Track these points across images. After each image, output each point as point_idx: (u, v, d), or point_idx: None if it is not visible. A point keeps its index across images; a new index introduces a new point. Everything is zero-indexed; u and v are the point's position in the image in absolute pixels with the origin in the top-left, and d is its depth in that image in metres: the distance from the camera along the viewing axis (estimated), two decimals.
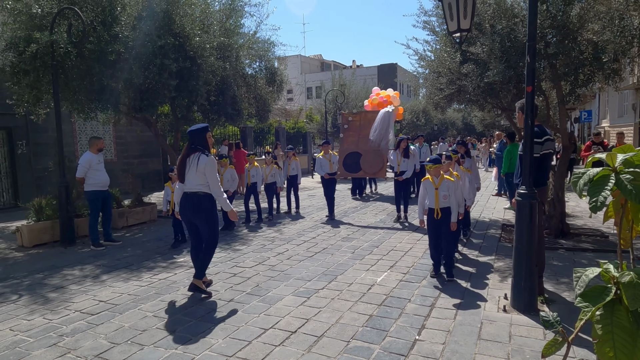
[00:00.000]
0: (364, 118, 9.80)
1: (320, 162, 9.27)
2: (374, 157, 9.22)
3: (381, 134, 9.20)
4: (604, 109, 18.00)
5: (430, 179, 4.99)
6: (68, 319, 4.23)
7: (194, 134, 4.71)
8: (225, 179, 7.98)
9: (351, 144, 9.57)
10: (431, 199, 4.97)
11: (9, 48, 7.23)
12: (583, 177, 1.58)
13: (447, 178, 4.95)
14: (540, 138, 4.33)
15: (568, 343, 1.39)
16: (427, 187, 5.02)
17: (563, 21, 5.93)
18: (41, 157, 11.69)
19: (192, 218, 4.73)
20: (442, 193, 4.90)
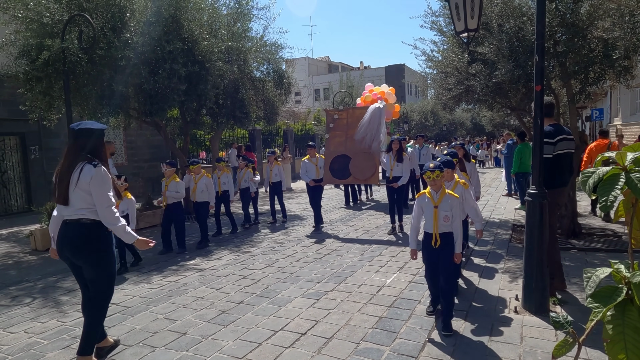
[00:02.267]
0: (352, 115, 8.43)
1: (305, 166, 8.26)
2: (365, 160, 7.98)
3: (372, 134, 7.92)
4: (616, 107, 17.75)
5: (427, 194, 3.77)
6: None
7: (82, 135, 3.24)
8: (199, 188, 7.19)
9: (338, 146, 8.30)
10: (428, 221, 3.74)
11: (22, 56, 7.37)
12: (592, 176, 1.57)
13: (450, 193, 3.75)
14: (552, 138, 4.21)
15: (579, 344, 1.38)
16: (424, 205, 3.77)
17: (572, 19, 5.88)
18: (54, 162, 11.85)
19: (72, 258, 3.25)
20: (443, 213, 3.66)
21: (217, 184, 8.04)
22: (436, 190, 3.73)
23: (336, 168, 8.19)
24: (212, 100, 9.02)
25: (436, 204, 3.69)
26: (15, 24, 7.41)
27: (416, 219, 3.89)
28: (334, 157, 8.24)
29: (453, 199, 3.71)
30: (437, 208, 3.67)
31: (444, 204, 3.68)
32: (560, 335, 3.53)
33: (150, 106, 8.39)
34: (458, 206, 3.71)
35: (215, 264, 6.17)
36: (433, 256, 3.79)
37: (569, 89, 6.64)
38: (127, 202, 5.90)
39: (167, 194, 6.75)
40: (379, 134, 7.94)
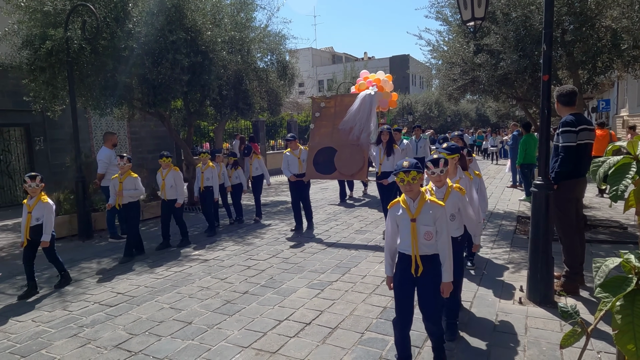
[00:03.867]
0: (340, 103, 7.44)
1: (287, 159, 7.45)
2: (352, 153, 6.97)
3: (361, 124, 7.00)
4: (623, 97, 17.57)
5: (402, 203, 2.82)
6: (87, 310, 4.33)
7: None
8: (167, 184, 6.61)
9: (324, 137, 7.33)
10: (405, 240, 2.80)
11: (25, 46, 7.35)
12: (603, 165, 1.55)
13: (432, 201, 2.78)
14: (574, 127, 4.09)
15: (587, 334, 1.38)
16: (398, 218, 2.84)
17: (580, 8, 5.80)
18: (58, 153, 11.90)
19: None
20: (424, 228, 2.74)
21: (199, 178, 7.48)
22: (413, 197, 2.77)
23: (320, 162, 7.23)
24: (216, 91, 8.99)
25: (413, 216, 2.74)
26: (19, 14, 7.39)
27: (390, 238, 2.90)
28: (319, 149, 7.28)
29: (437, 209, 2.75)
30: (414, 222, 2.74)
31: (424, 216, 2.74)
32: (565, 326, 3.53)
33: (154, 97, 8.38)
34: (444, 218, 2.76)
35: (220, 255, 6.20)
36: (409, 288, 2.84)
37: (576, 78, 6.57)
38: (42, 208, 4.94)
39: (124, 192, 5.99)
40: (369, 124, 7.01)
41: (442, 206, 2.78)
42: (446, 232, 2.76)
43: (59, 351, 3.49)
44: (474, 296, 4.29)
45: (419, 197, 2.79)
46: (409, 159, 2.73)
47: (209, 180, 7.49)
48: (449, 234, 2.80)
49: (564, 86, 4.44)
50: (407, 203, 2.81)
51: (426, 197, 2.79)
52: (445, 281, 2.80)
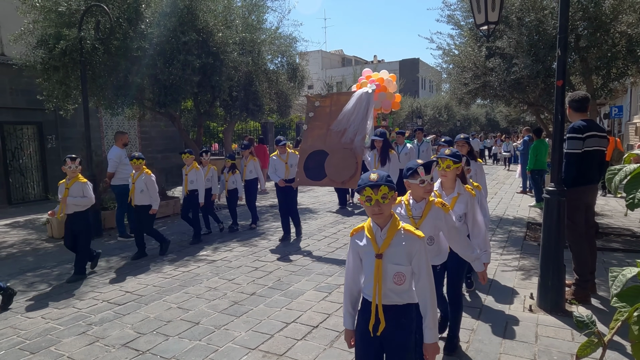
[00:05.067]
0: (336, 102, 6.74)
1: (274, 164, 6.95)
2: (344, 158, 6.27)
3: (355, 125, 6.31)
4: (636, 104, 17.33)
5: (366, 231, 2.11)
6: (96, 308, 4.36)
7: None
8: (137, 188, 6.05)
9: (317, 140, 6.64)
10: (367, 281, 2.09)
11: (40, 45, 7.46)
12: (619, 173, 1.52)
13: (408, 230, 2.05)
14: (581, 134, 4.04)
15: (604, 345, 1.35)
16: (360, 249, 2.14)
17: (595, 13, 5.74)
18: (70, 151, 11.95)
19: None
20: (394, 268, 2.02)
21: (183, 181, 6.99)
22: (381, 223, 2.05)
23: (312, 167, 6.54)
24: (226, 92, 9.03)
25: (380, 251, 2.02)
26: (34, 14, 7.49)
27: (351, 276, 2.20)
28: (311, 153, 6.61)
29: (411, 240, 2.02)
30: (380, 258, 2.02)
31: (395, 251, 2.02)
32: (577, 335, 3.48)
33: (165, 97, 8.44)
34: (424, 253, 2.03)
35: (227, 256, 6.21)
36: (373, 350, 2.09)
37: (590, 84, 6.50)
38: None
39: (69, 200, 5.17)
40: (365, 125, 6.34)
41: (420, 238, 2.02)
42: (426, 272, 2.02)
43: (67, 348, 3.51)
44: (483, 302, 4.24)
45: (390, 224, 2.04)
46: (378, 171, 2.04)
47: (193, 183, 6.95)
48: (430, 276, 2.04)
49: (576, 92, 4.39)
50: (373, 231, 2.06)
51: (399, 224, 2.05)
52: (429, 342, 2.04)
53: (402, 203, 2.73)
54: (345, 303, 2.23)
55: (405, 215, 2.66)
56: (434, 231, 2.70)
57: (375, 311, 2.03)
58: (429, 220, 2.65)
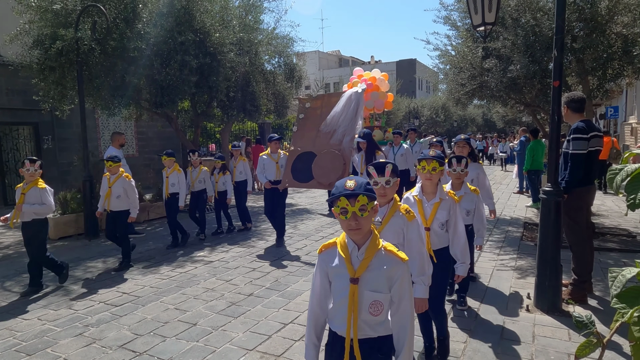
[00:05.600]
0: (327, 103, 6.50)
1: (262, 163, 6.76)
2: (332, 159, 6.01)
3: (344, 126, 6.08)
4: (632, 104, 17.43)
5: (340, 248, 1.80)
6: (93, 309, 4.34)
7: None
8: (114, 193, 5.62)
9: (307, 141, 6.41)
10: (338, 310, 1.80)
11: (36, 45, 7.43)
12: (620, 173, 1.53)
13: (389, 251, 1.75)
14: (585, 134, 4.03)
15: (603, 345, 1.35)
16: (331, 270, 1.84)
17: (591, 14, 5.77)
18: (66, 152, 11.98)
19: None
20: (371, 296, 1.73)
21: (164, 184, 6.73)
22: (359, 241, 1.74)
23: (299, 168, 6.28)
24: (223, 92, 9.02)
25: (355, 275, 1.72)
26: (30, 14, 7.46)
27: (317, 301, 1.88)
28: (299, 154, 6.37)
29: (393, 264, 1.72)
30: (356, 284, 1.71)
31: (373, 275, 1.72)
32: (574, 335, 3.49)
33: (162, 97, 8.42)
34: (407, 279, 1.74)
35: (225, 256, 6.19)
36: None
37: (586, 85, 6.52)
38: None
39: (25, 207, 4.67)
40: (354, 126, 6.11)
41: (403, 262, 1.73)
42: (408, 302, 1.74)
43: (64, 350, 3.49)
44: (480, 303, 4.25)
45: (369, 242, 1.73)
46: (356, 177, 1.74)
47: (175, 186, 6.64)
48: (411, 306, 1.76)
49: (573, 92, 4.40)
50: (349, 250, 1.75)
51: (379, 242, 1.75)
52: None
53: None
54: (309, 332, 1.90)
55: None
56: (396, 239, 2.36)
57: (350, 347, 1.72)
58: (391, 228, 2.37)
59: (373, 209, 1.72)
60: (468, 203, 3.79)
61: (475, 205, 3.85)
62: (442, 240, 3.00)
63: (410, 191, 3.09)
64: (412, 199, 3.00)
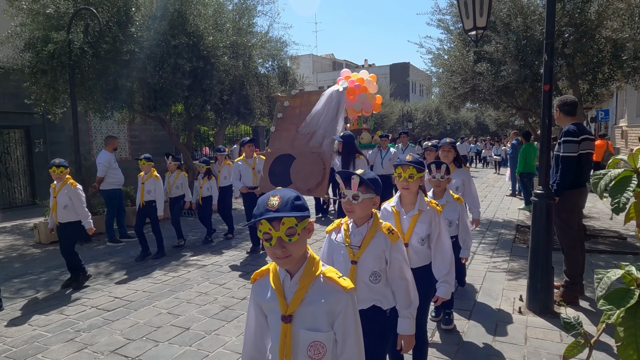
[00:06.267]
0: (307, 102, 6.14)
1: (237, 169, 6.49)
2: (311, 163, 5.65)
3: (325, 127, 5.71)
4: (622, 108, 17.64)
5: (272, 280, 1.49)
6: (84, 314, 4.30)
7: None
8: (60, 204, 5.01)
9: (285, 142, 6.05)
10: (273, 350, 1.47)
11: (28, 48, 7.38)
12: (604, 177, 1.55)
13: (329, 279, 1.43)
14: (577, 137, 4.07)
15: (590, 346, 1.37)
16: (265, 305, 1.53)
17: (581, 19, 5.85)
18: (58, 156, 11.77)
19: None
20: (309, 336, 1.41)
21: (139, 191, 6.28)
22: (291, 270, 1.45)
23: (277, 172, 5.87)
24: (217, 95, 9.01)
25: (287, 311, 1.42)
26: (21, 17, 7.42)
27: (251, 339, 1.59)
28: (277, 157, 5.97)
29: (334, 294, 1.42)
30: (289, 322, 1.42)
31: (308, 311, 1.42)
32: (565, 336, 3.52)
33: (155, 101, 8.40)
34: (351, 311, 1.43)
35: (218, 260, 6.18)
36: None
37: (576, 89, 6.60)
38: None
39: None
40: (335, 127, 5.71)
41: (346, 291, 1.40)
42: (354, 340, 1.43)
43: (55, 356, 3.46)
44: (473, 305, 4.27)
45: (303, 269, 1.43)
46: (282, 191, 1.41)
47: (150, 193, 6.21)
48: (360, 344, 1.46)
49: (566, 96, 4.45)
50: (280, 279, 1.46)
51: (317, 268, 1.44)
52: None
53: (340, 227, 2.13)
54: None
55: (342, 244, 2.07)
56: (378, 265, 2.03)
57: None
58: (371, 252, 2.02)
59: (306, 228, 1.40)
60: (450, 213, 3.47)
61: (458, 215, 3.53)
62: (421, 258, 2.62)
63: (389, 201, 2.71)
64: (389, 209, 2.66)
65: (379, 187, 2.02)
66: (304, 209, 1.39)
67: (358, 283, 2.00)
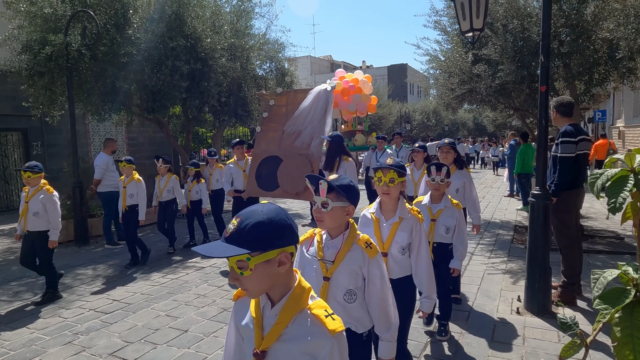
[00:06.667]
0: (293, 101, 5.86)
1: (229, 172, 6.38)
2: (299, 166, 5.40)
3: (312, 127, 5.49)
4: (619, 108, 17.71)
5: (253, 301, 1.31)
6: (82, 317, 4.29)
7: None
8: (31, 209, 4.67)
9: (271, 143, 5.81)
10: None
11: (25, 51, 7.38)
12: (601, 177, 1.56)
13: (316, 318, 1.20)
14: (574, 137, 4.08)
15: (586, 346, 1.38)
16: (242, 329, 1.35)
17: (577, 19, 5.88)
18: (56, 158, 11.85)
19: None
20: None
21: (121, 195, 6.00)
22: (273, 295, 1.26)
23: (264, 174, 5.61)
24: (215, 97, 9.02)
25: (261, 346, 1.23)
26: (19, 19, 7.41)
27: None
28: (264, 159, 5.72)
29: (318, 337, 1.20)
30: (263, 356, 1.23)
31: (286, 349, 1.22)
32: (563, 337, 3.53)
33: (153, 103, 8.40)
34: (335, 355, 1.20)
35: (217, 262, 6.17)
36: None
37: (573, 90, 6.63)
38: None
39: None
40: (322, 128, 5.48)
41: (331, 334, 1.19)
42: None
43: (53, 359, 3.45)
44: (472, 306, 4.28)
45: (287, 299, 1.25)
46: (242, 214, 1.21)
47: (133, 197, 5.92)
48: None
49: (562, 97, 4.47)
50: (261, 306, 1.28)
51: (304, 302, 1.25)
52: None
53: (313, 238, 1.92)
54: None
55: (314, 257, 1.88)
56: (354, 283, 1.84)
57: None
58: (345, 268, 1.82)
59: (272, 261, 1.17)
60: (448, 219, 3.28)
61: (456, 222, 3.29)
62: (403, 268, 2.44)
63: (368, 207, 2.56)
64: (368, 216, 2.50)
65: (353, 195, 1.81)
66: (264, 239, 1.14)
67: (331, 302, 1.74)
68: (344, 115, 8.85)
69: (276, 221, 1.17)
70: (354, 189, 1.83)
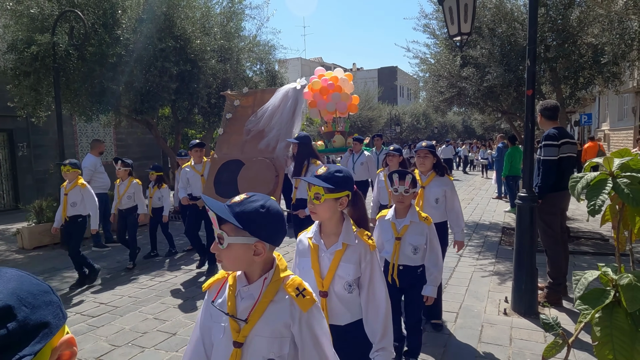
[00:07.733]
0: (260, 101, 5.44)
1: (185, 176, 5.77)
2: (262, 170, 4.94)
3: (279, 128, 5.08)
4: (604, 112, 18.03)
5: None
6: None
7: None
8: None
9: (234, 147, 5.34)
10: None
11: (10, 50, 7.28)
12: (581, 181, 1.60)
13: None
14: (556, 141, 4.16)
15: (568, 345, 1.40)
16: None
17: (563, 25, 5.98)
18: (42, 159, 11.71)
19: None
20: None
21: (62, 202, 5.25)
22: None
23: (224, 180, 5.12)
24: (204, 99, 8.99)
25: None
26: (5, 18, 7.31)
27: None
28: (224, 163, 5.24)
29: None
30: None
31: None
32: (549, 337, 3.58)
33: (141, 104, 8.34)
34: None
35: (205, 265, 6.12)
36: None
37: (559, 93, 6.74)
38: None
39: None
40: (290, 130, 5.06)
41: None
42: None
43: None
44: (460, 307, 4.32)
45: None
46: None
47: (76, 206, 5.14)
48: None
49: (547, 100, 4.55)
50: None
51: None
52: None
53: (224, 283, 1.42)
54: None
55: (222, 312, 1.43)
56: (277, 350, 1.33)
57: None
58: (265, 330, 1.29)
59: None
60: (415, 236, 2.76)
61: (426, 239, 2.79)
62: (352, 310, 1.87)
63: (306, 231, 1.98)
64: (305, 242, 1.92)
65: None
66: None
67: None
68: (324, 115, 8.71)
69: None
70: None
